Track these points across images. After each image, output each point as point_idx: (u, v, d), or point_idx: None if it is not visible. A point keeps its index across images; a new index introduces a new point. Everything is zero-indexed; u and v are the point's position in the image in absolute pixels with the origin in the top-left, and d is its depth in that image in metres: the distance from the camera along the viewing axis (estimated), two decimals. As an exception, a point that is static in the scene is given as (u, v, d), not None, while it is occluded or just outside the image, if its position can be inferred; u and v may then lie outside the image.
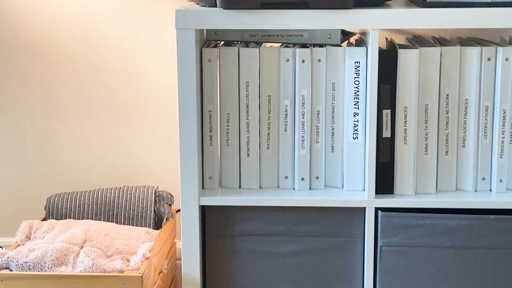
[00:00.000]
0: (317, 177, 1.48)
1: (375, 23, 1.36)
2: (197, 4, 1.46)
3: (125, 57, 1.80)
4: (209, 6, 1.41)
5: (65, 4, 1.78)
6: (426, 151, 1.44)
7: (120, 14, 1.78)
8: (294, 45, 1.46)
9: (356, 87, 1.42)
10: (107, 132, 1.84)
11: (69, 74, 1.81)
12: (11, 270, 1.46)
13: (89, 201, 1.69)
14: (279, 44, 1.48)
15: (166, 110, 1.81)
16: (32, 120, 1.84)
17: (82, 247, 1.51)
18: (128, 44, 1.79)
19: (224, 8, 1.36)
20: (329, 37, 1.44)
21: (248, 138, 1.46)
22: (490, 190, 1.46)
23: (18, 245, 1.57)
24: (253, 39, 1.46)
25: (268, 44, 1.49)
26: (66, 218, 1.68)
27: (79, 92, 1.82)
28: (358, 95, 1.42)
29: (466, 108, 1.43)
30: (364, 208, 1.43)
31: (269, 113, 1.46)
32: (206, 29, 1.48)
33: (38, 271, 1.46)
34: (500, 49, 1.40)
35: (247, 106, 1.45)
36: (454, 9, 1.35)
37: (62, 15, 1.78)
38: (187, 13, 1.37)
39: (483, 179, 1.46)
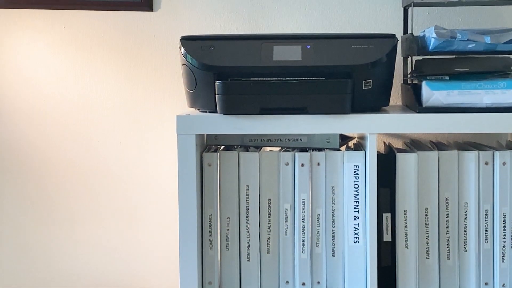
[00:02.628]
0: (318, 282, 1.46)
1: (373, 128, 1.38)
2: (198, 109, 1.49)
3: (126, 162, 1.81)
4: (210, 112, 1.44)
5: (67, 110, 1.81)
6: (427, 255, 1.43)
7: (122, 119, 1.81)
8: (293, 149, 1.47)
9: (356, 191, 1.42)
10: (107, 236, 1.83)
11: (69, 180, 1.82)
12: None
13: (87, 307, 1.66)
14: (278, 148, 1.50)
15: (166, 215, 1.80)
16: (27, 226, 1.83)
17: None
18: (130, 149, 1.81)
19: (224, 114, 1.39)
20: (327, 141, 1.46)
21: (248, 242, 1.46)
22: (494, 295, 1.44)
23: None
24: (253, 143, 1.48)
25: (268, 148, 1.51)
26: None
27: (79, 197, 1.82)
28: (358, 199, 1.42)
29: (466, 211, 1.43)
30: (366, 314, 1.41)
31: (269, 217, 1.46)
32: (207, 134, 1.50)
33: None
34: (497, 153, 1.42)
35: (247, 210, 1.45)
36: (450, 114, 1.38)
37: (65, 122, 1.81)
38: (188, 119, 1.39)
39: (486, 283, 1.44)
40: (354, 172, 1.42)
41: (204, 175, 1.45)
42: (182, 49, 1.42)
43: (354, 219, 1.43)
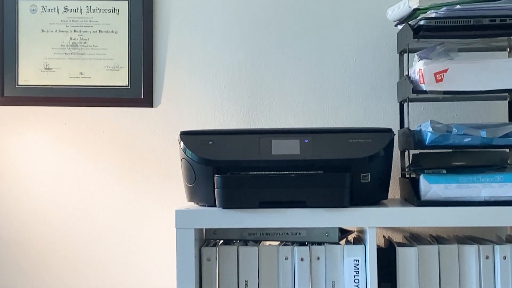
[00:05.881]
0: None
1: (372, 221, 1.38)
2: (197, 204, 1.49)
3: (124, 256, 1.80)
4: (209, 206, 1.44)
5: (67, 205, 1.81)
6: None
7: (121, 214, 1.80)
8: (292, 243, 1.47)
9: (356, 286, 1.41)
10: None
11: (67, 273, 1.80)
12: None
13: None
14: (277, 242, 1.49)
15: (163, 311, 1.78)
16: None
17: None
18: (128, 244, 1.80)
19: (223, 208, 1.39)
20: (327, 235, 1.45)
21: None
22: None
23: None
24: (252, 237, 1.47)
25: (267, 242, 1.50)
26: None
27: (76, 293, 1.80)
28: (358, 294, 1.40)
29: (468, 307, 1.41)
30: None
31: (268, 313, 1.43)
32: (205, 228, 1.49)
33: None
34: (497, 247, 1.41)
35: (246, 306, 1.43)
36: (448, 208, 1.38)
37: (64, 216, 1.80)
38: (187, 213, 1.39)
39: None
40: (354, 266, 1.41)
41: (202, 270, 1.43)
42: (182, 143, 1.44)
43: (355, 315, 1.40)
